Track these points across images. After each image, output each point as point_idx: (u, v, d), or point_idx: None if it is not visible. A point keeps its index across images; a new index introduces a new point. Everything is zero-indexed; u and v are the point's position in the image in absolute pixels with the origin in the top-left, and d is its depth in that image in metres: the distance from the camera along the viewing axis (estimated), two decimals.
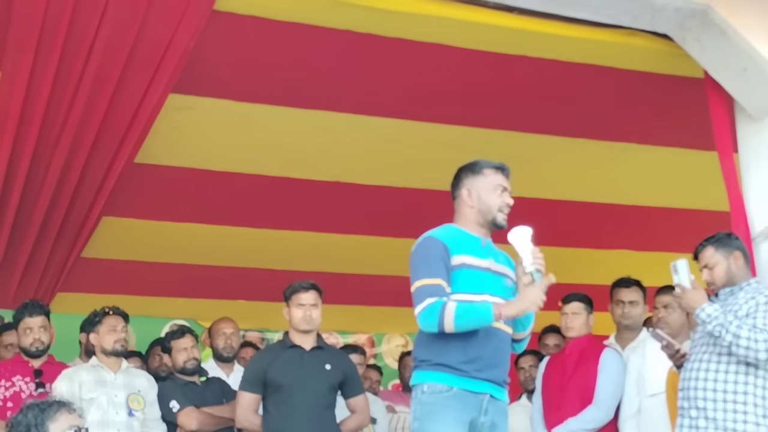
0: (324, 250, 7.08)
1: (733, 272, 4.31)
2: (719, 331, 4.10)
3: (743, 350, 4.04)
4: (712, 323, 4.12)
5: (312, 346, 5.06)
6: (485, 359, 3.79)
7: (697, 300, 4.21)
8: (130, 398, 5.04)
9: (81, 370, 5.13)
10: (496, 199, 3.94)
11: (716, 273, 4.32)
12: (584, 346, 5.24)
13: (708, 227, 4.69)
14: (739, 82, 4.66)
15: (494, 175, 3.98)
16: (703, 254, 4.36)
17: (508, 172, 4.01)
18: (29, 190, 5.60)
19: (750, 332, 4.04)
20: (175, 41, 4.44)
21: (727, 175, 4.72)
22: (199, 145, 5.71)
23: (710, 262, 4.33)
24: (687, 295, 4.26)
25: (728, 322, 4.08)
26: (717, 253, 4.32)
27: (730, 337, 4.06)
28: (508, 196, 3.97)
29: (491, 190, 3.95)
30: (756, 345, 4.01)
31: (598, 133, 5.76)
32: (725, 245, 4.33)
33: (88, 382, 4.99)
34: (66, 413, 3.32)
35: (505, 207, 3.95)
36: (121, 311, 5.24)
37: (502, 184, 3.97)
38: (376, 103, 5.33)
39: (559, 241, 7.10)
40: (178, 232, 6.73)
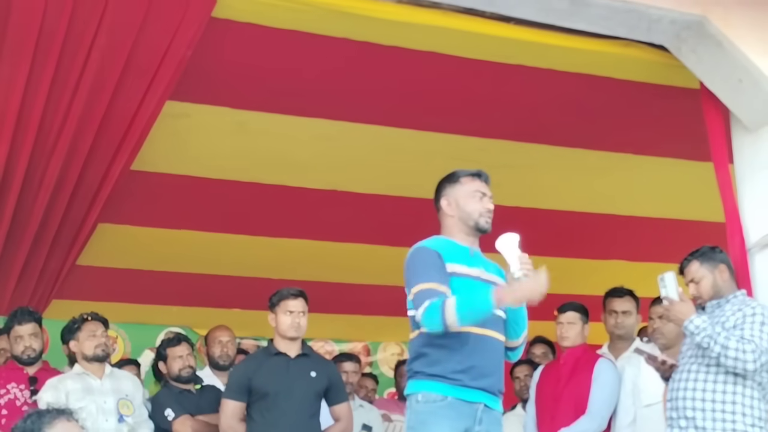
0: (320, 259, 7.08)
1: (719, 285, 4.35)
2: (708, 342, 4.12)
3: (732, 361, 4.07)
4: (700, 335, 4.15)
5: (297, 354, 5.06)
6: (479, 368, 3.79)
7: (685, 312, 4.24)
8: (120, 404, 5.02)
9: (67, 379, 5.08)
10: (476, 205, 3.95)
11: (702, 287, 4.36)
12: (579, 355, 5.24)
13: (703, 238, 4.70)
14: (735, 93, 4.68)
15: (471, 182, 3.99)
16: (688, 269, 4.40)
17: (486, 177, 4.01)
18: (25, 197, 5.59)
19: (738, 343, 4.07)
20: (172, 48, 4.44)
21: (723, 185, 4.73)
22: (196, 153, 5.71)
23: (696, 277, 4.37)
24: (675, 307, 4.29)
25: (716, 334, 4.11)
26: (702, 267, 4.36)
27: (719, 348, 4.09)
28: (489, 201, 3.96)
29: (469, 197, 3.96)
30: (744, 356, 4.05)
31: (594, 143, 5.77)
32: (710, 259, 4.37)
33: (76, 390, 4.96)
34: (65, 421, 3.32)
35: (485, 212, 3.94)
36: (99, 317, 5.22)
37: (480, 189, 3.97)
38: (373, 112, 5.34)
39: (554, 250, 7.09)
40: (175, 240, 6.72)
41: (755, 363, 4.06)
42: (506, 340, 3.95)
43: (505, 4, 4.44)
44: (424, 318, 3.71)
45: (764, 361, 4.09)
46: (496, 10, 4.49)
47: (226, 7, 4.32)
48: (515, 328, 3.93)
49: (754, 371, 4.08)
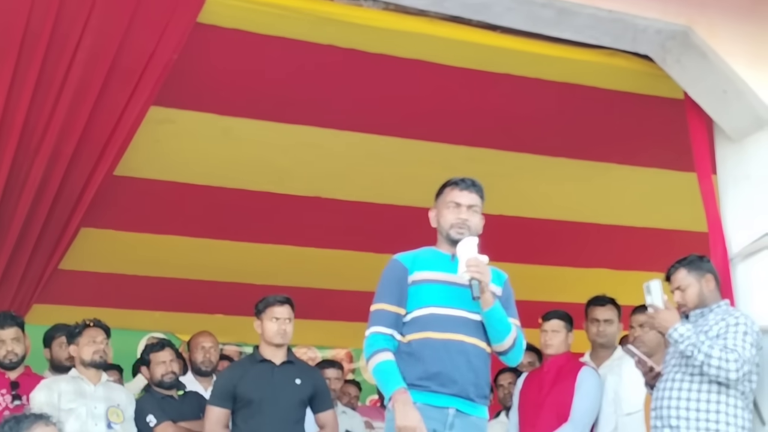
0: (303, 265, 7.08)
1: (705, 294, 4.38)
2: (691, 350, 4.15)
3: (714, 370, 4.10)
4: (684, 343, 4.17)
5: (282, 361, 5.04)
6: (447, 374, 3.81)
7: (669, 320, 4.26)
8: (110, 411, 5.03)
9: (61, 381, 5.12)
10: (449, 215, 3.97)
11: (688, 295, 4.38)
12: (562, 363, 5.25)
13: (686, 248, 4.72)
14: (719, 103, 4.70)
15: (450, 192, 4.01)
16: (675, 276, 4.42)
17: (466, 184, 4.01)
18: (7, 201, 5.54)
19: (721, 352, 4.10)
20: (157, 53, 4.42)
21: (706, 196, 4.75)
22: (180, 159, 5.69)
23: (682, 284, 4.40)
24: (660, 315, 4.31)
25: (700, 342, 4.14)
26: (689, 275, 4.39)
27: (702, 357, 4.11)
28: (462, 211, 3.96)
29: (445, 208, 4.00)
30: (727, 365, 4.08)
31: (579, 153, 5.79)
32: (697, 268, 4.40)
33: (68, 392, 4.98)
34: (42, 425, 3.32)
35: (456, 222, 3.95)
36: (102, 324, 5.24)
37: (455, 200, 3.99)
38: (358, 119, 5.34)
39: (538, 258, 7.14)
40: (157, 245, 6.70)
41: (738, 372, 4.08)
42: (493, 345, 3.95)
43: (492, 12, 4.44)
44: (365, 342, 3.92)
45: (747, 371, 4.12)
46: (483, 18, 4.50)
47: (211, 13, 4.30)
48: (492, 333, 3.91)
49: (736, 380, 4.11)
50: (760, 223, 4.57)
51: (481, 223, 4.02)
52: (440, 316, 3.88)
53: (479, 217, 4.00)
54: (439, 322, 3.87)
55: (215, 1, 4.24)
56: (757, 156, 4.67)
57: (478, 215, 3.99)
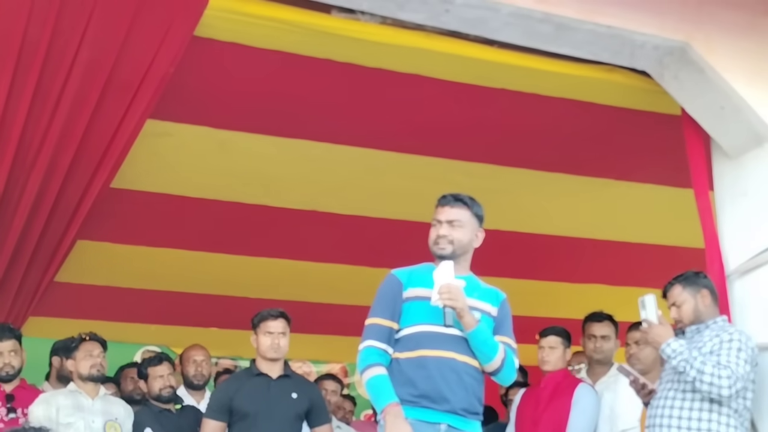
0: (299, 279, 7.07)
1: (701, 310, 4.36)
2: (684, 366, 4.14)
3: (707, 386, 4.08)
4: (677, 358, 4.17)
5: (279, 374, 5.04)
6: (438, 391, 3.81)
7: (662, 335, 4.25)
8: (107, 425, 5.03)
9: (59, 395, 5.14)
10: (432, 232, 4.00)
11: (684, 311, 4.37)
12: (559, 380, 5.23)
13: (683, 264, 4.71)
14: (716, 120, 4.70)
15: (436, 209, 4.03)
16: (671, 293, 4.42)
17: (447, 200, 4.01)
18: (3, 213, 5.53)
19: (714, 368, 4.08)
20: (154, 66, 4.42)
21: (703, 212, 4.75)
22: (177, 172, 5.69)
23: (678, 300, 4.39)
24: (653, 330, 4.30)
25: (693, 358, 4.12)
26: (684, 291, 4.38)
27: (694, 373, 4.10)
28: (441, 228, 3.96)
29: (431, 225, 4.01)
30: (719, 381, 4.06)
31: (576, 168, 5.79)
32: (693, 283, 4.39)
33: (66, 406, 4.98)
34: None
35: (435, 239, 3.97)
36: (98, 337, 5.24)
37: (436, 216, 4.01)
38: (355, 133, 5.34)
39: (535, 274, 7.13)
40: (153, 258, 6.69)
41: (730, 389, 4.06)
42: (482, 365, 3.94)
43: (490, 27, 4.44)
44: (359, 356, 3.93)
45: (739, 388, 4.10)
46: (481, 33, 4.49)
47: (208, 26, 4.30)
48: (477, 354, 3.91)
49: (729, 397, 4.09)
50: (757, 240, 4.56)
51: (473, 237, 4.01)
52: (432, 333, 3.87)
53: (464, 231, 3.97)
54: (432, 340, 3.87)
55: (212, 15, 4.24)
56: (755, 173, 4.67)
57: (463, 229, 3.97)
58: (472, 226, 4.01)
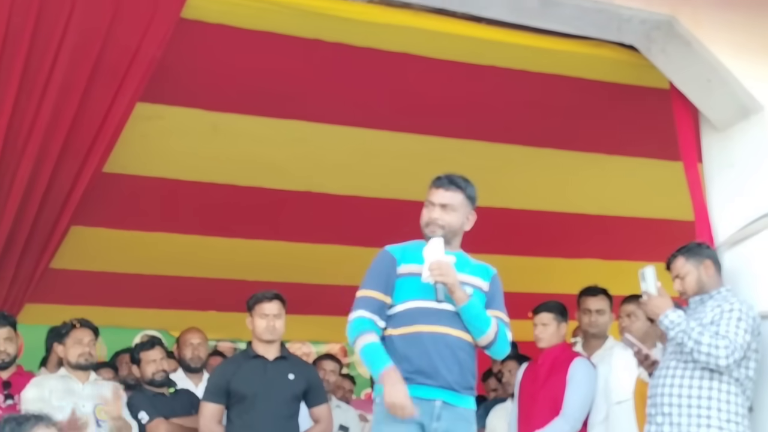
0: (296, 261, 7.08)
1: (704, 281, 4.36)
2: (681, 337, 4.14)
3: (704, 356, 4.09)
4: (674, 330, 4.17)
5: (275, 356, 5.05)
6: (433, 367, 3.83)
7: (661, 306, 4.26)
8: (97, 409, 5.04)
9: (51, 379, 5.16)
10: (424, 213, 4.02)
11: (687, 282, 4.37)
12: (556, 355, 5.24)
13: (674, 236, 4.73)
14: (703, 93, 4.71)
15: (429, 190, 4.05)
16: (674, 264, 4.40)
17: (442, 183, 4.01)
18: None
19: (711, 339, 4.08)
20: (142, 49, 4.42)
21: (692, 185, 4.76)
22: (169, 155, 5.69)
23: (681, 272, 4.38)
24: (652, 301, 4.31)
25: (690, 329, 4.13)
26: (688, 262, 4.37)
27: (692, 344, 4.11)
28: (434, 210, 3.98)
29: (424, 206, 4.03)
30: (717, 351, 4.06)
31: (566, 144, 5.79)
32: (696, 254, 4.38)
33: (57, 390, 5.00)
34: (43, 427, 3.33)
35: (427, 221, 3.98)
36: (89, 324, 5.22)
37: (429, 198, 4.02)
38: (346, 113, 5.34)
39: (528, 250, 7.15)
40: (149, 242, 6.70)
41: (728, 359, 4.06)
42: (475, 339, 3.96)
43: (476, 4, 4.45)
44: (349, 327, 3.91)
45: (738, 357, 4.09)
46: (468, 10, 4.50)
47: (195, 8, 4.30)
48: (470, 328, 3.93)
49: (726, 367, 4.08)
50: (745, 212, 4.57)
51: (464, 220, 4.02)
52: (426, 309, 3.89)
53: (457, 215, 3.98)
54: (425, 316, 3.89)
55: None
56: (742, 145, 4.68)
57: (455, 213, 3.98)
58: (464, 210, 4.02)
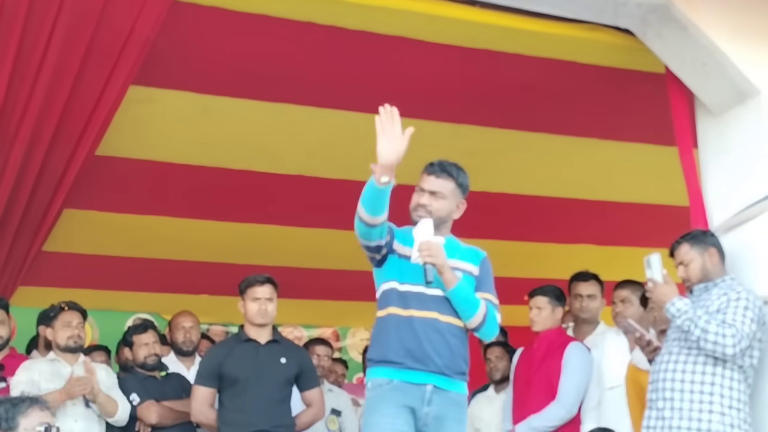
0: (288, 244, 7.06)
1: (708, 269, 4.32)
2: (688, 325, 4.10)
3: (711, 345, 4.05)
4: (681, 317, 4.13)
5: (267, 340, 5.06)
6: (423, 351, 3.83)
7: (667, 294, 4.21)
8: None
9: (40, 362, 5.18)
10: (414, 198, 4.02)
11: (691, 270, 4.33)
12: (552, 340, 5.25)
13: (669, 222, 4.73)
14: (699, 77, 4.70)
15: (421, 175, 4.05)
16: (678, 251, 4.36)
17: (434, 169, 4.02)
18: None
19: (718, 327, 4.04)
20: (135, 32, 4.40)
21: (687, 170, 4.75)
22: (161, 138, 5.67)
23: (685, 259, 4.34)
24: (658, 289, 4.26)
25: (697, 317, 4.08)
26: (692, 249, 4.34)
27: (699, 332, 4.07)
28: (422, 196, 3.98)
29: (415, 191, 4.03)
30: (723, 340, 4.03)
31: (560, 128, 5.77)
32: (701, 242, 4.35)
33: (46, 372, 5.02)
34: (38, 410, 3.35)
35: (415, 206, 3.99)
36: (77, 306, 5.23)
37: (420, 184, 4.03)
38: (339, 97, 5.31)
39: (521, 235, 7.15)
40: (141, 226, 6.68)
41: (734, 348, 4.03)
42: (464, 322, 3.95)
43: None
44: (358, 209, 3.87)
45: (744, 346, 4.06)
46: None
47: None
48: (459, 311, 3.92)
49: (733, 356, 4.05)
50: (740, 197, 4.56)
51: (453, 209, 4.02)
52: (415, 294, 3.90)
53: (446, 203, 3.98)
54: (414, 300, 3.89)
55: None
56: (738, 129, 4.66)
57: (445, 201, 3.98)
58: (454, 198, 4.02)
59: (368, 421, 3.89)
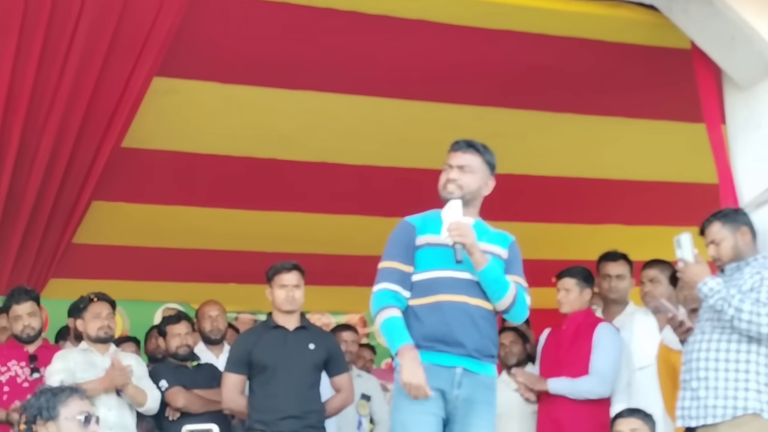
0: (314, 232, 7.08)
1: (740, 248, 4.24)
2: (721, 305, 4.04)
3: (745, 324, 4.00)
4: (714, 297, 4.07)
5: (296, 326, 5.07)
6: (453, 334, 3.84)
7: (699, 274, 4.15)
8: None
9: (73, 352, 5.23)
10: (441, 177, 4.00)
11: (723, 248, 4.25)
12: (581, 320, 5.21)
13: (697, 200, 4.69)
14: (727, 52, 4.64)
15: (448, 154, 4.03)
16: (709, 230, 4.28)
17: (459, 146, 4.01)
18: (18, 176, 5.58)
19: (753, 306, 3.98)
20: (158, 23, 4.42)
21: (715, 146, 4.70)
22: (186, 129, 5.70)
23: (717, 238, 4.26)
24: (690, 269, 4.20)
25: (731, 296, 4.03)
26: (724, 228, 4.25)
27: (732, 311, 4.01)
28: (452, 172, 3.97)
29: (442, 171, 4.01)
30: (758, 319, 3.97)
31: (586, 108, 5.73)
32: (732, 220, 4.27)
33: (80, 362, 5.07)
34: (77, 399, 3.39)
35: (445, 183, 3.98)
36: (107, 297, 5.26)
37: (447, 161, 4.01)
38: (361, 83, 5.30)
39: (547, 217, 7.13)
40: (168, 216, 6.73)
41: None
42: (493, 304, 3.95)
43: None
44: (372, 299, 3.93)
45: None
46: None
47: None
48: (488, 292, 3.92)
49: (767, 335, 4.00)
50: None
51: (482, 184, 4.00)
52: (444, 278, 3.90)
53: (475, 177, 3.97)
54: (443, 285, 3.89)
55: None
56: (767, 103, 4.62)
57: (474, 175, 3.97)
58: (482, 173, 4.00)
59: (398, 404, 3.89)
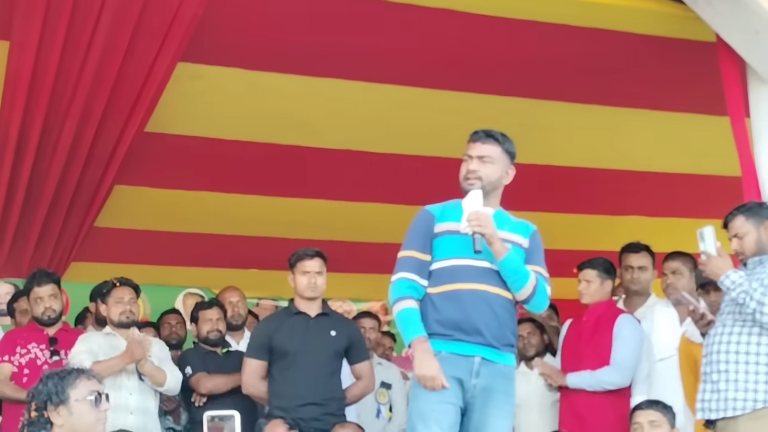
0: (336, 219, 7.09)
1: (763, 242, 4.20)
2: (743, 298, 4.03)
3: (767, 317, 3.98)
4: (736, 290, 4.05)
5: (317, 313, 5.07)
6: (472, 323, 3.83)
7: (722, 267, 4.13)
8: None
9: (96, 336, 5.28)
10: (462, 168, 4.00)
11: (746, 242, 4.22)
12: (602, 312, 5.20)
13: (719, 193, 4.67)
14: (752, 45, 4.61)
15: (467, 145, 4.03)
16: (732, 223, 4.26)
17: (478, 136, 4.00)
18: (41, 160, 5.62)
19: None
20: (182, 9, 4.44)
21: (739, 139, 4.68)
22: (209, 114, 5.71)
23: (740, 232, 4.23)
24: (712, 262, 4.17)
25: (753, 290, 4.01)
26: (747, 222, 4.23)
27: (754, 305, 3.99)
28: (472, 163, 3.96)
29: (463, 161, 4.01)
30: None
31: (609, 99, 5.71)
32: (756, 214, 4.24)
33: (103, 345, 5.10)
34: (85, 379, 3.38)
35: (465, 174, 3.97)
36: (130, 282, 5.28)
37: (466, 152, 4.01)
38: (385, 70, 5.31)
39: (570, 207, 7.11)
40: (191, 201, 6.75)
41: None
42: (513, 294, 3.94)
43: None
44: (390, 289, 3.94)
45: None
46: None
47: None
48: (509, 282, 3.91)
49: None
50: None
51: (503, 174, 3.99)
52: (463, 267, 3.89)
53: (495, 168, 3.96)
54: (462, 273, 3.88)
55: None
56: None
57: (494, 165, 3.96)
58: (502, 163, 3.99)
59: (416, 393, 3.90)
